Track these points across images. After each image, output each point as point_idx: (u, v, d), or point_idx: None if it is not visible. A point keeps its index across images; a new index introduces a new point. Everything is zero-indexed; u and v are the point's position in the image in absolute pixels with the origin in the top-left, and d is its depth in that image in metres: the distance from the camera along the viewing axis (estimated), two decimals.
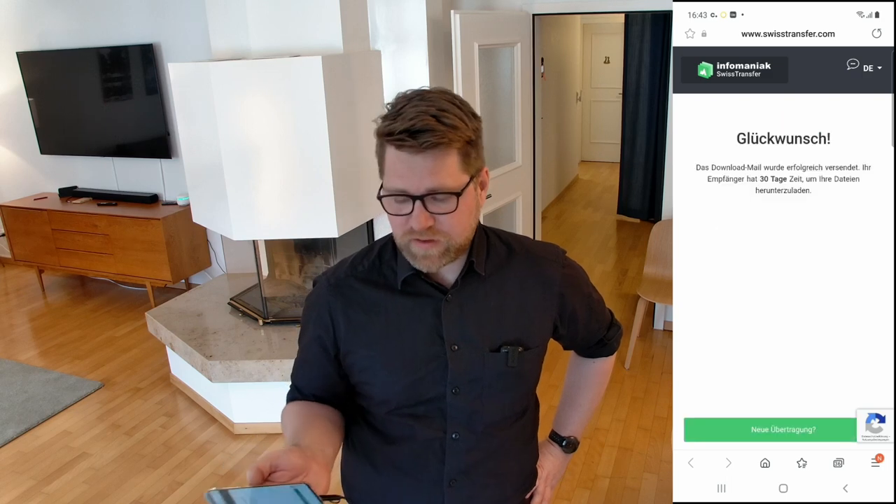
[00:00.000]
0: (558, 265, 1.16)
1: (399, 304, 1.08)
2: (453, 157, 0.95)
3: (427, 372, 1.07)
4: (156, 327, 3.50)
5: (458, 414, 1.10)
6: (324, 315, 1.12)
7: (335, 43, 2.94)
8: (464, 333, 1.07)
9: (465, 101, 0.99)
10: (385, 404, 1.11)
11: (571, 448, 1.38)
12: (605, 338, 1.30)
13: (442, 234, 0.98)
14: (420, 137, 0.91)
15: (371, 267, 1.11)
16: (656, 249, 3.73)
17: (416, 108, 0.93)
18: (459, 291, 1.08)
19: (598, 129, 8.78)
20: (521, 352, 1.10)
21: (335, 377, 1.14)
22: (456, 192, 0.95)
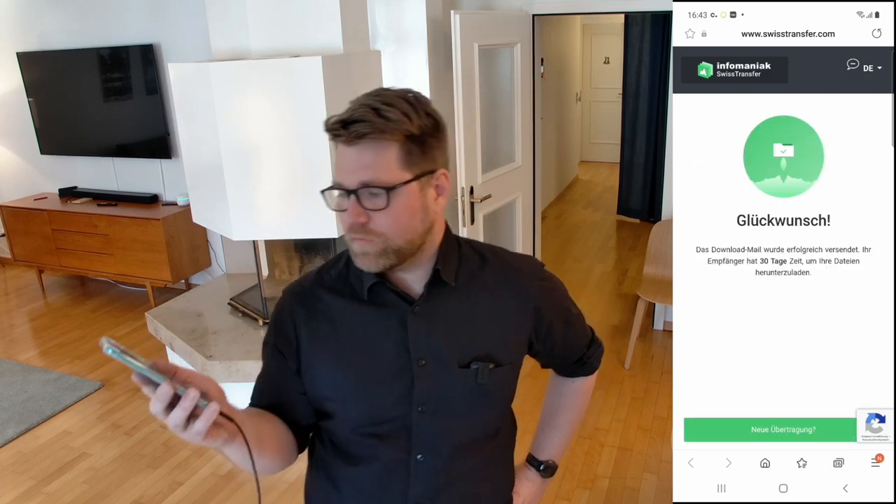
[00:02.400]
0: (535, 278, 1.10)
1: (364, 316, 1.03)
2: (391, 152, 0.91)
3: (392, 388, 1.02)
4: (156, 327, 3.50)
5: (424, 434, 1.03)
6: (287, 326, 1.06)
7: (335, 43, 2.94)
8: (431, 348, 1.02)
9: (427, 102, 0.96)
10: (347, 422, 1.05)
11: (550, 472, 1.31)
12: (584, 356, 1.24)
13: (376, 234, 0.93)
14: (351, 127, 0.89)
15: (338, 276, 1.06)
16: (656, 249, 3.73)
17: (361, 101, 0.91)
18: (427, 302, 1.02)
19: (598, 129, 8.78)
20: (493, 368, 1.04)
21: (295, 394, 1.07)
22: (387, 187, 0.90)
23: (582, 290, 4.66)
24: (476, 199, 3.29)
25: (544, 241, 5.32)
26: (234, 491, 2.74)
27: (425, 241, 0.99)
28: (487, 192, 3.39)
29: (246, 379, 2.94)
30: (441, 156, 0.99)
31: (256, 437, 0.95)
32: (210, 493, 2.74)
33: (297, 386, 1.07)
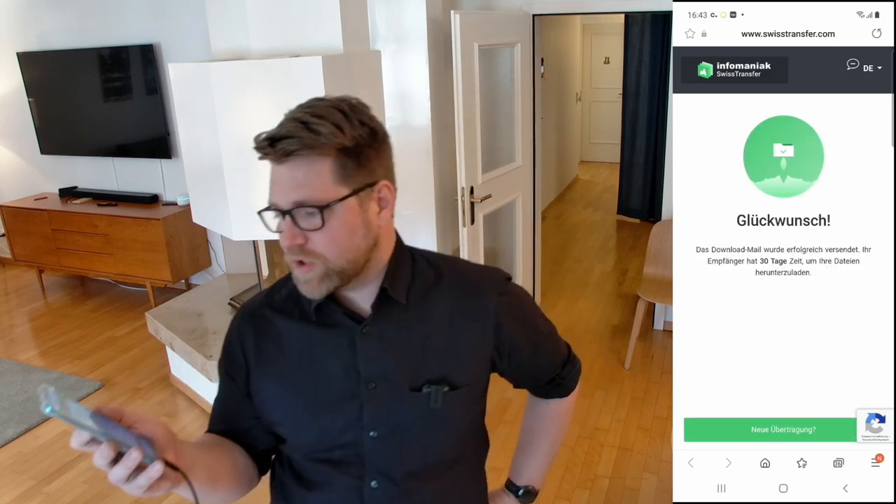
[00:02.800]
0: (495, 292, 1.02)
1: (313, 337, 0.98)
2: (323, 167, 0.85)
3: (342, 413, 0.97)
4: (156, 327, 3.50)
5: (376, 460, 0.98)
6: (235, 348, 1.02)
7: (335, 43, 2.94)
8: (382, 370, 0.96)
9: (363, 110, 0.91)
10: (298, 448, 1.01)
11: (529, 498, 1.25)
12: (558, 376, 1.16)
13: (316, 256, 0.88)
14: (278, 144, 0.84)
15: (288, 296, 1.01)
16: (656, 249, 3.73)
17: (291, 115, 0.87)
18: (378, 322, 0.96)
19: (598, 129, 8.78)
20: (447, 391, 0.97)
21: (249, 419, 1.03)
22: (321, 206, 0.85)
23: (582, 290, 4.66)
24: (476, 199, 3.29)
25: (544, 241, 5.32)
26: None
27: (371, 258, 0.93)
28: (487, 192, 3.39)
29: None
30: (381, 167, 0.92)
31: (209, 473, 0.93)
32: None
33: (249, 410, 1.03)
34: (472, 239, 3.32)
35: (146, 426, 0.80)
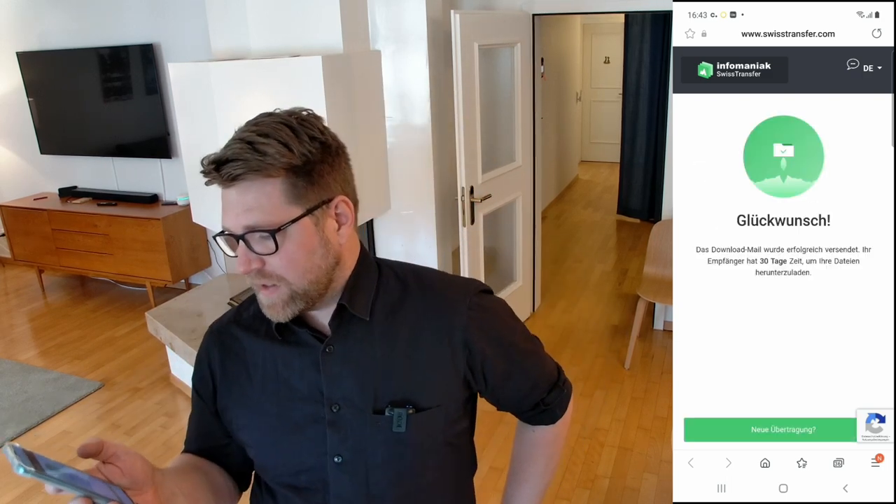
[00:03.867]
0: (462, 305, 0.95)
1: (278, 356, 0.94)
2: (272, 189, 0.82)
3: (306, 436, 0.93)
4: (156, 327, 3.50)
5: (341, 488, 0.93)
6: (203, 366, 1.00)
7: (335, 43, 2.94)
8: (345, 391, 0.92)
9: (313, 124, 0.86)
10: (266, 471, 0.98)
11: None
12: (542, 402, 1.07)
13: (276, 279, 0.85)
14: (223, 168, 0.80)
15: (255, 314, 0.96)
16: (656, 249, 3.73)
17: (237, 135, 0.83)
18: (341, 341, 0.92)
19: (598, 129, 8.78)
20: (412, 413, 0.91)
21: (219, 436, 1.00)
22: (272, 230, 0.82)
23: (582, 290, 4.66)
24: (476, 199, 3.29)
25: (544, 241, 5.32)
26: None
27: (334, 277, 0.90)
28: (487, 191, 3.39)
29: None
30: (336, 181, 0.88)
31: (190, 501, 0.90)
32: None
33: (222, 429, 1.00)
34: (472, 239, 3.32)
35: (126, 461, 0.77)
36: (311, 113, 0.89)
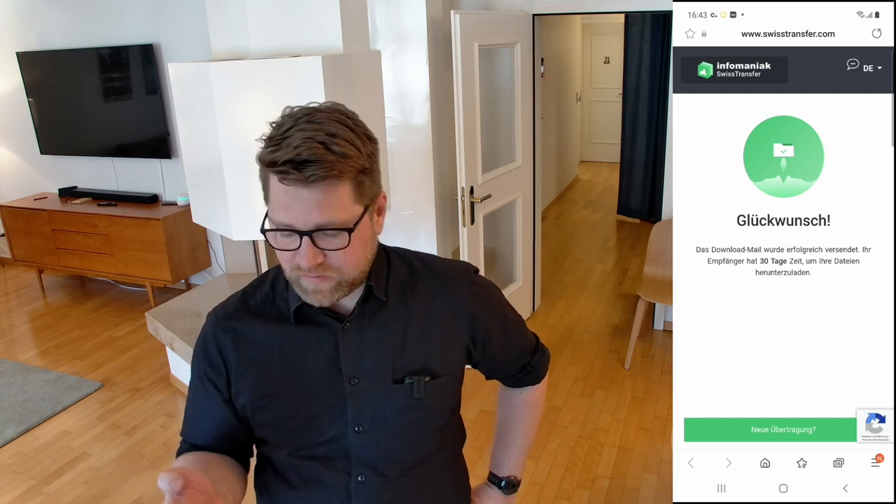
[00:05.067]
0: (466, 283, 1.06)
1: (294, 337, 0.99)
2: (345, 189, 0.85)
3: (325, 409, 0.99)
4: (156, 327, 3.50)
5: (362, 454, 1.01)
6: (213, 353, 1.02)
7: (335, 43, 2.94)
8: (364, 365, 0.99)
9: (360, 121, 0.89)
10: (283, 447, 1.02)
11: (512, 489, 1.27)
12: (528, 364, 1.19)
13: (333, 270, 0.89)
14: (306, 170, 0.81)
15: (264, 299, 1.03)
16: (656, 249, 3.73)
17: (303, 134, 0.82)
18: (358, 319, 0.99)
19: (598, 129, 8.78)
20: (428, 381, 1.01)
21: (232, 421, 1.03)
22: (348, 229, 0.86)
23: (582, 290, 4.66)
24: (476, 199, 3.29)
25: (544, 241, 5.32)
26: None
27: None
28: (487, 192, 3.39)
29: None
30: (380, 177, 0.94)
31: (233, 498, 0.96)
32: None
33: (234, 416, 1.03)
34: (472, 239, 3.32)
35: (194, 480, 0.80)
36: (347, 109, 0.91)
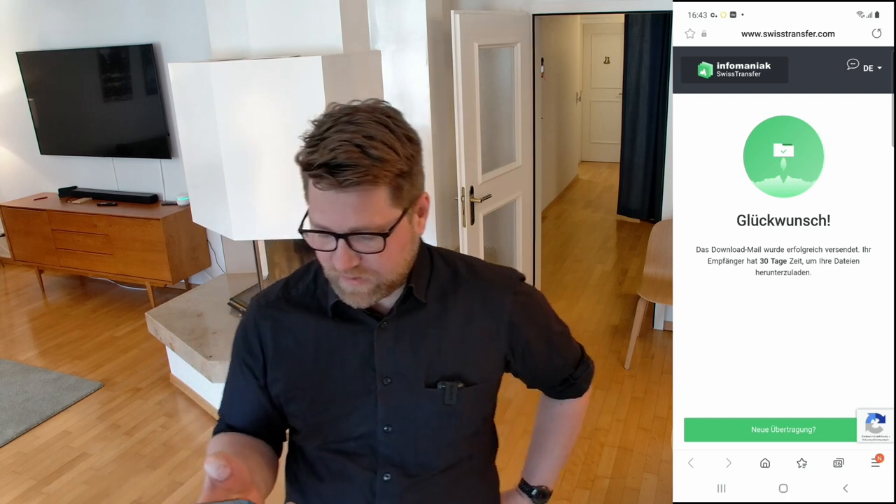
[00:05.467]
0: (509, 291, 1.04)
1: (331, 331, 0.99)
2: (381, 194, 0.83)
3: (356, 406, 0.99)
4: (156, 327, 3.50)
5: (389, 453, 1.00)
6: (252, 339, 1.03)
7: (335, 43, 2.94)
8: (397, 366, 0.98)
9: (402, 121, 0.87)
10: (313, 438, 1.03)
11: (542, 498, 1.25)
12: (571, 377, 1.17)
13: (370, 273, 0.88)
14: (341, 174, 0.80)
15: (305, 290, 1.03)
16: (656, 249, 3.73)
17: (340, 136, 0.81)
18: (395, 319, 0.98)
19: (598, 129, 8.78)
20: (462, 388, 0.99)
21: (267, 407, 1.04)
22: (383, 233, 0.85)
23: (582, 290, 4.66)
24: (476, 199, 3.29)
25: (544, 241, 5.32)
26: None
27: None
28: (487, 192, 3.39)
29: None
30: (421, 178, 0.91)
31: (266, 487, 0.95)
32: None
33: (268, 401, 1.04)
34: (472, 239, 3.32)
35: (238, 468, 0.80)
36: (391, 107, 0.89)
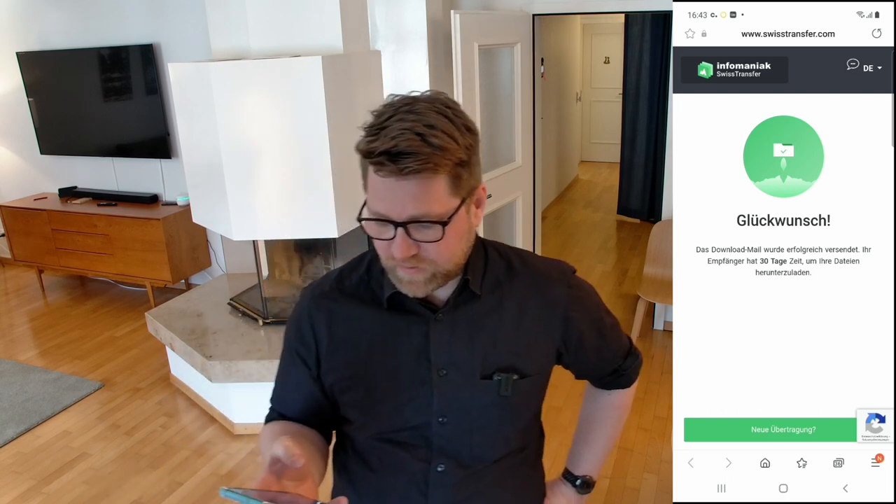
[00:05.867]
0: (563, 284, 1.06)
1: (385, 323, 1.00)
2: (441, 182, 0.84)
3: (411, 397, 0.99)
4: (156, 327, 3.50)
5: (444, 444, 1.01)
6: (305, 329, 1.04)
7: (335, 43, 2.94)
8: (453, 357, 0.99)
9: (461, 111, 0.89)
10: (365, 429, 1.04)
11: (586, 488, 1.25)
12: (620, 368, 1.18)
13: (427, 262, 0.89)
14: (401, 161, 0.81)
15: (359, 281, 1.03)
16: (656, 249, 3.73)
17: (401, 125, 0.82)
18: (451, 311, 0.99)
19: (598, 129, 8.78)
20: (517, 380, 1.00)
21: (318, 396, 1.05)
22: (442, 222, 0.85)
23: None
24: None
25: (544, 241, 5.32)
26: None
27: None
28: (487, 192, 3.39)
29: (246, 379, 2.94)
30: (479, 169, 0.92)
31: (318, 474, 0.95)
32: (210, 493, 2.74)
33: (321, 392, 1.05)
34: None
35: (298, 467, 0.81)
36: (450, 98, 0.90)
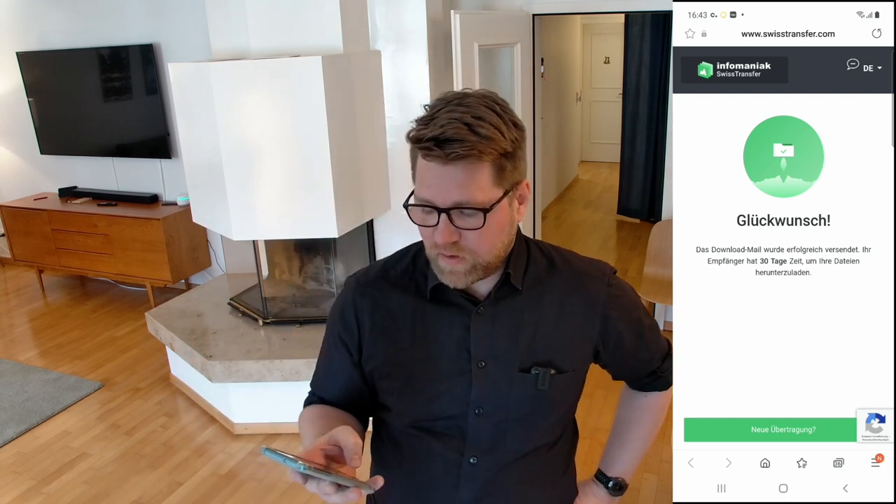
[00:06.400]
0: (603, 283, 1.08)
1: (428, 313, 1.03)
2: (486, 170, 0.88)
3: (449, 387, 1.01)
4: (156, 327, 3.50)
5: (478, 436, 1.02)
6: (349, 316, 1.06)
7: (335, 43, 2.94)
8: (493, 350, 1.01)
9: (509, 109, 0.92)
10: (402, 416, 1.06)
11: (619, 490, 1.26)
12: (658, 370, 1.19)
13: (467, 252, 0.92)
14: (447, 147, 0.85)
15: (404, 272, 1.06)
16: (656, 249, 3.73)
17: (450, 115, 0.87)
18: (492, 305, 1.01)
19: (598, 129, 8.78)
20: (554, 375, 1.02)
21: (358, 382, 1.08)
22: (484, 209, 0.89)
23: None
24: None
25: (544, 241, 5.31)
26: (234, 491, 2.74)
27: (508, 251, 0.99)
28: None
29: (246, 379, 2.94)
30: (524, 164, 0.96)
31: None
32: (210, 493, 2.74)
33: (361, 377, 1.07)
34: None
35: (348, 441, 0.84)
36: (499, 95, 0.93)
